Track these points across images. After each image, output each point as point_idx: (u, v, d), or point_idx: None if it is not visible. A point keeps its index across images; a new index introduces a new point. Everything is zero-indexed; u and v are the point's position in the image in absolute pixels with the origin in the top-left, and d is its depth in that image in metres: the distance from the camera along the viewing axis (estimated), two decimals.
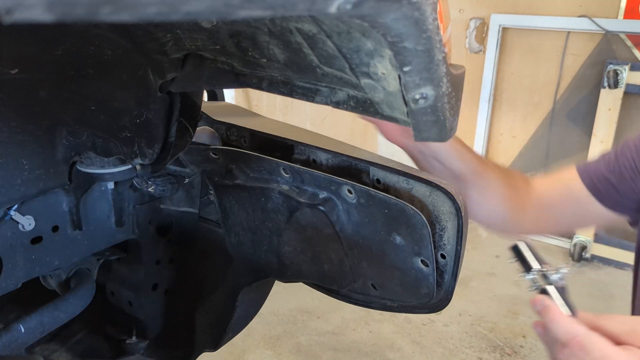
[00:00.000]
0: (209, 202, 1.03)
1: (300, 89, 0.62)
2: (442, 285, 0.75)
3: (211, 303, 1.07)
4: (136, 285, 1.05)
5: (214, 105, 1.12)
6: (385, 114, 0.55)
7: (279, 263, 0.88)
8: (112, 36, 0.66)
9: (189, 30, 0.60)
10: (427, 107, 0.46)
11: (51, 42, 0.65)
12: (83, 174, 0.87)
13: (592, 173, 0.90)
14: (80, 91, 0.76)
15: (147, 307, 1.07)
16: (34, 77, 0.71)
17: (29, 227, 0.82)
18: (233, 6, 0.25)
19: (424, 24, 0.37)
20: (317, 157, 0.84)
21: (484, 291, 2.70)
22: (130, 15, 0.23)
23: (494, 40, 3.09)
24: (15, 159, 0.76)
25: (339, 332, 2.31)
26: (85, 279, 0.96)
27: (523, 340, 2.34)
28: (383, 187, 0.77)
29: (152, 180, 0.96)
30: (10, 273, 0.81)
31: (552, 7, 2.93)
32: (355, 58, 0.47)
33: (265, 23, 0.51)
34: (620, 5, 2.74)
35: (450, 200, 0.71)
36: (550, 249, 3.16)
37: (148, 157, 0.82)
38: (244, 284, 0.98)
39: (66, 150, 0.83)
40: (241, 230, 0.91)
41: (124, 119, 0.79)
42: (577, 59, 2.95)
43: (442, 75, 0.43)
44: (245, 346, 2.20)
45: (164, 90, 0.75)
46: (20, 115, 0.75)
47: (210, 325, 1.07)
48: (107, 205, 0.94)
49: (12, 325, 0.81)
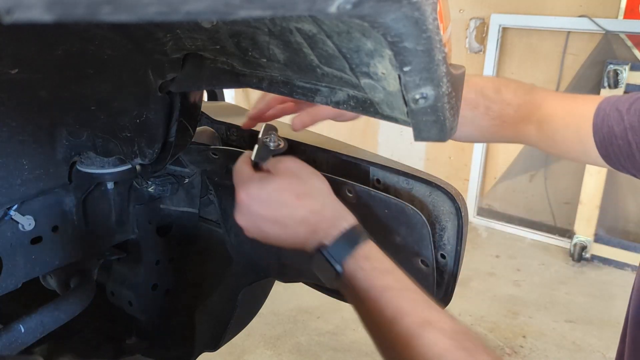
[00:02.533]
0: (209, 202, 1.03)
1: (300, 89, 0.62)
2: (442, 285, 0.75)
3: (211, 303, 1.07)
4: (136, 285, 1.05)
5: (214, 105, 1.12)
6: (385, 114, 0.55)
7: (279, 263, 0.88)
8: (112, 36, 0.66)
9: (189, 30, 0.60)
10: (427, 107, 0.46)
11: (51, 42, 0.65)
12: (83, 174, 0.87)
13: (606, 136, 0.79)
14: (80, 91, 0.76)
15: (147, 307, 1.07)
16: (34, 77, 0.71)
17: (29, 227, 0.82)
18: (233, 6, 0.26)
19: (424, 24, 0.37)
20: (317, 157, 0.84)
21: (484, 291, 2.70)
22: (130, 15, 0.23)
23: (494, 40, 3.09)
24: (15, 159, 0.76)
25: (339, 332, 2.31)
26: (85, 279, 0.96)
27: (523, 340, 2.34)
28: (383, 187, 0.77)
29: (152, 180, 0.96)
30: (10, 273, 0.81)
31: (552, 7, 2.93)
32: (355, 58, 0.47)
33: (265, 23, 0.51)
34: (620, 5, 2.74)
35: (450, 200, 0.71)
36: (550, 248, 3.16)
37: (148, 157, 0.82)
38: (244, 284, 0.98)
39: (66, 150, 0.83)
40: (241, 230, 0.91)
41: (124, 119, 0.79)
42: (577, 59, 2.95)
43: (442, 75, 0.43)
44: (245, 346, 2.19)
45: (164, 90, 0.75)
46: (20, 115, 0.75)
47: (210, 325, 1.07)
48: (107, 205, 0.94)
49: (12, 325, 0.81)
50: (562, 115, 0.84)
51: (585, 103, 0.83)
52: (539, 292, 2.72)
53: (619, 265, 2.94)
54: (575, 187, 3.05)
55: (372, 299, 0.57)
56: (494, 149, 3.37)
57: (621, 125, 0.77)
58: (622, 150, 0.77)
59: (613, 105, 0.79)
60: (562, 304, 2.60)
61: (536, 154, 3.23)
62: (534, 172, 3.27)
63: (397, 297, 0.57)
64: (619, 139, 0.77)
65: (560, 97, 0.87)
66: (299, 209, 0.62)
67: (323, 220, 0.62)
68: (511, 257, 3.08)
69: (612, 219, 3.01)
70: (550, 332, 2.39)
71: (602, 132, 0.79)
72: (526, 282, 2.81)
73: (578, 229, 3.01)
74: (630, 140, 0.76)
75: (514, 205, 3.39)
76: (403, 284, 0.59)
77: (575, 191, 3.06)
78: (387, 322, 0.55)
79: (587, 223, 2.98)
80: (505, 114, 0.84)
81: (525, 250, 3.17)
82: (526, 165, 3.29)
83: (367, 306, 0.58)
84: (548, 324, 2.45)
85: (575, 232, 3.02)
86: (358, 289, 0.58)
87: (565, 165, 3.14)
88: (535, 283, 2.80)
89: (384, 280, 0.58)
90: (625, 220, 3.03)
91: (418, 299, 0.58)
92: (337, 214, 0.63)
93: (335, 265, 0.59)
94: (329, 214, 0.63)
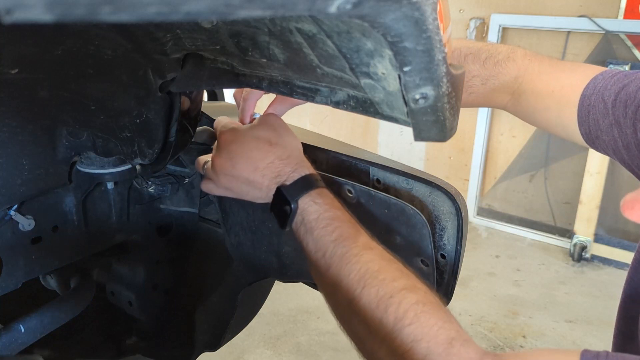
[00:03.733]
0: (209, 202, 1.03)
1: (300, 89, 0.62)
2: (442, 285, 0.75)
3: (211, 303, 1.07)
4: (136, 285, 1.05)
5: (214, 105, 1.12)
6: (385, 114, 0.55)
7: (279, 263, 0.88)
8: (112, 36, 0.66)
9: (189, 30, 0.60)
10: (427, 107, 0.46)
11: (51, 42, 0.65)
12: (83, 174, 0.87)
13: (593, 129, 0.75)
14: (80, 91, 0.76)
15: (147, 307, 1.07)
16: (34, 77, 0.71)
17: (29, 227, 0.82)
18: (233, 6, 0.25)
19: (424, 24, 0.37)
20: (317, 157, 0.84)
21: (484, 291, 2.70)
22: (130, 15, 0.23)
23: (494, 40, 3.09)
24: (15, 159, 0.76)
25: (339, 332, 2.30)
26: (85, 279, 0.97)
27: (523, 340, 2.34)
28: (383, 187, 0.77)
29: (152, 180, 0.96)
30: (10, 273, 0.81)
31: (552, 7, 2.93)
32: (355, 58, 0.47)
33: (265, 23, 0.51)
34: (620, 5, 2.74)
35: (450, 200, 0.71)
36: (550, 248, 3.16)
37: (148, 157, 0.82)
38: (244, 284, 0.98)
39: (66, 150, 0.83)
40: (241, 230, 0.91)
41: (124, 119, 0.79)
42: (577, 59, 2.95)
43: (442, 75, 0.43)
44: (245, 346, 2.19)
45: (164, 90, 0.75)
46: (20, 115, 0.75)
47: (210, 325, 1.07)
48: (107, 205, 0.94)
49: (12, 325, 0.81)
50: (543, 94, 0.78)
51: (569, 78, 0.77)
52: (539, 292, 2.72)
53: (619, 265, 2.94)
54: (575, 187, 3.05)
55: (320, 227, 0.63)
56: (494, 149, 3.37)
57: (607, 119, 0.73)
58: (608, 145, 0.74)
59: (599, 93, 0.73)
60: (562, 304, 2.60)
61: (536, 154, 3.23)
62: (534, 172, 3.27)
63: (342, 226, 0.63)
64: (605, 134, 0.74)
65: (542, 71, 0.80)
66: (269, 154, 0.70)
67: (287, 165, 0.69)
68: (511, 257, 3.08)
69: (612, 219, 3.01)
70: (550, 332, 2.39)
71: (587, 125, 0.75)
72: (526, 282, 2.81)
73: (578, 229, 3.01)
74: (617, 137, 0.72)
75: (513, 205, 3.39)
76: (349, 217, 0.66)
77: (575, 191, 3.06)
78: (331, 246, 0.61)
79: (587, 223, 2.98)
80: (471, 84, 0.81)
81: (525, 250, 3.17)
82: (526, 165, 3.29)
83: (314, 236, 0.63)
84: (548, 324, 2.45)
85: (575, 232, 3.02)
86: (308, 221, 0.64)
87: (565, 165, 3.14)
88: (535, 283, 2.80)
89: (333, 212, 0.64)
90: (625, 220, 3.02)
91: (361, 230, 0.65)
92: (301, 164, 0.70)
93: (292, 201, 0.65)
94: (293, 162, 0.70)
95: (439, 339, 0.50)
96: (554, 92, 0.78)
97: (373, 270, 0.58)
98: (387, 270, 0.59)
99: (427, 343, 0.50)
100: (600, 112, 0.73)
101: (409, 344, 0.50)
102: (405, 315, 0.52)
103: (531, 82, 0.80)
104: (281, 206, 0.66)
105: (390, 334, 0.52)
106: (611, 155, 0.76)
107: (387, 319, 0.53)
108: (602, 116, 0.73)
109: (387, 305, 0.54)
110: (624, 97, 0.70)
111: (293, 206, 0.65)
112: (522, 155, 3.28)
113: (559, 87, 0.77)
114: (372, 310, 0.55)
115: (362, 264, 0.59)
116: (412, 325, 0.51)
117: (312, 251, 0.63)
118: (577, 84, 0.75)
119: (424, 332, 0.51)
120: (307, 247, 0.64)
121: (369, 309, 0.55)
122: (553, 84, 0.78)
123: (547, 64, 0.81)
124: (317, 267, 0.63)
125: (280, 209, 0.67)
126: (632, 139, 0.70)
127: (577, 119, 0.76)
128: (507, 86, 0.81)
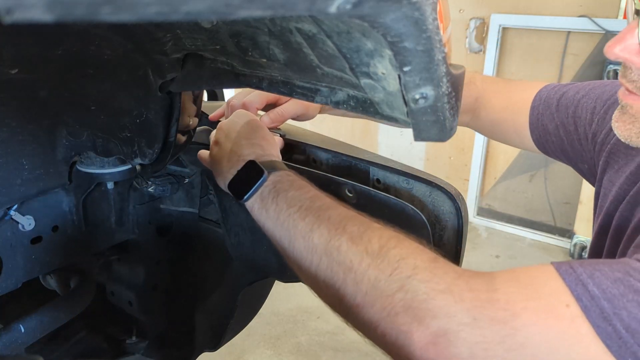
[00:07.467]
0: (209, 202, 1.04)
1: (300, 89, 0.62)
2: None
3: (211, 303, 1.07)
4: (136, 285, 1.05)
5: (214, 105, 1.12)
6: (385, 114, 0.55)
7: (279, 263, 0.88)
8: (112, 36, 0.66)
9: (189, 30, 0.60)
10: (427, 107, 0.46)
11: (51, 42, 0.65)
12: (83, 174, 0.87)
13: (542, 134, 0.88)
14: (80, 91, 0.76)
15: (147, 307, 1.07)
16: (34, 77, 0.71)
17: (29, 227, 0.82)
18: (233, 6, 0.26)
19: (424, 24, 0.37)
20: (317, 157, 0.84)
21: None
22: (130, 15, 0.23)
23: (494, 40, 3.09)
24: (15, 159, 0.76)
25: (339, 332, 2.31)
26: (85, 279, 0.97)
27: None
28: (383, 187, 0.77)
29: (152, 180, 0.96)
30: (10, 273, 0.81)
31: (552, 7, 2.93)
32: (355, 58, 0.47)
33: (265, 23, 0.51)
34: (620, 5, 2.74)
35: (450, 200, 0.71)
36: (550, 248, 3.16)
37: (148, 157, 0.82)
38: (244, 284, 0.98)
39: (66, 150, 0.83)
40: (241, 230, 0.91)
41: (124, 119, 0.79)
42: (577, 59, 2.95)
43: (442, 75, 0.43)
44: (245, 346, 2.19)
45: (164, 90, 0.75)
46: (20, 115, 0.75)
47: (210, 325, 1.07)
48: (107, 205, 0.94)
49: (12, 325, 0.81)
50: (500, 109, 0.92)
51: (520, 93, 0.91)
52: None
53: None
54: (575, 187, 3.05)
55: (295, 189, 0.65)
56: (494, 150, 3.37)
57: (553, 123, 0.85)
58: (556, 146, 0.87)
59: (545, 102, 0.87)
60: None
61: (536, 154, 3.23)
62: (533, 172, 3.27)
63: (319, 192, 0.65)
64: (553, 136, 0.86)
65: (497, 90, 0.94)
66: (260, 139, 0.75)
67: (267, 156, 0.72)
68: (511, 257, 3.08)
69: None
70: None
71: (538, 131, 0.88)
72: None
73: (578, 229, 3.01)
74: (563, 136, 0.85)
75: (513, 205, 3.39)
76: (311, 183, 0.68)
77: (575, 191, 3.06)
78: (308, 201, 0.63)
79: (587, 223, 2.98)
80: None
81: (525, 250, 3.17)
82: (526, 165, 3.29)
83: (289, 196, 0.65)
84: None
85: (575, 232, 3.02)
86: (281, 185, 0.66)
87: (565, 166, 3.12)
88: None
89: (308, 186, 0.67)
90: None
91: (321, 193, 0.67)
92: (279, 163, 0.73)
93: (264, 171, 0.67)
94: (272, 157, 0.73)
95: (424, 256, 0.53)
96: (508, 106, 0.92)
97: (354, 214, 0.61)
98: (367, 218, 0.61)
99: (414, 260, 0.53)
100: (548, 118, 0.86)
101: (396, 263, 0.53)
102: (389, 241, 0.55)
103: (489, 100, 0.94)
104: (247, 179, 0.68)
105: (377, 257, 0.54)
106: (560, 156, 0.90)
107: (372, 247, 0.55)
108: (549, 121, 0.86)
109: (370, 236, 0.56)
110: (565, 101, 0.84)
111: (265, 176, 0.67)
112: (522, 155, 3.28)
113: (512, 102, 0.92)
114: (357, 240, 0.56)
115: (341, 209, 0.61)
116: (397, 248, 0.54)
117: (284, 209, 0.64)
118: (527, 98, 0.90)
119: (409, 251, 0.54)
120: (278, 206, 0.65)
121: (353, 241, 0.57)
122: (507, 100, 0.92)
123: (502, 84, 0.96)
124: (290, 221, 0.63)
125: (245, 181, 0.68)
126: (575, 135, 0.83)
127: (529, 127, 0.89)
128: (469, 107, 0.94)
